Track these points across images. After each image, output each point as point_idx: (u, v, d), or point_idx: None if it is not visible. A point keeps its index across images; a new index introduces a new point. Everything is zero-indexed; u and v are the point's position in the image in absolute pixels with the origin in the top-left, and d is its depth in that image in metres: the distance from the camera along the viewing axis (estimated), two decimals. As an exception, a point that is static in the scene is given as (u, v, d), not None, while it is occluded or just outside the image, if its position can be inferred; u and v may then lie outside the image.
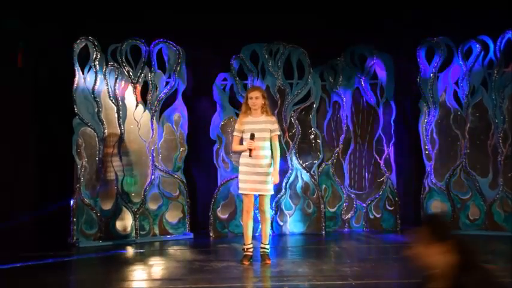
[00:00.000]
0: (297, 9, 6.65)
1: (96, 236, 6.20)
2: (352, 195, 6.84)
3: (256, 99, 5.12)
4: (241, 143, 5.21)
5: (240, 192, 5.23)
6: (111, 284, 4.55)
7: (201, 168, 6.91)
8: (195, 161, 6.86)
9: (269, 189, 5.18)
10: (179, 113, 6.58)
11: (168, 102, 6.51)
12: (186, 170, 6.63)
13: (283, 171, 6.44)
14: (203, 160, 6.78)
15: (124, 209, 6.28)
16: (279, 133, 5.24)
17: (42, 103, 6.41)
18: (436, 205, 6.60)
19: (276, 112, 6.62)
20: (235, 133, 5.23)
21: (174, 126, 6.55)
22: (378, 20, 6.62)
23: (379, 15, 6.65)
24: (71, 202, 6.06)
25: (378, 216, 6.85)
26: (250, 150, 5.02)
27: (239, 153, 5.25)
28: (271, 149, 5.19)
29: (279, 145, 5.27)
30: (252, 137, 5.02)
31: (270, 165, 5.16)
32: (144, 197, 6.33)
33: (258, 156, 5.07)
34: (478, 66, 6.48)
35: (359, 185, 6.91)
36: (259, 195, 5.16)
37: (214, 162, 6.68)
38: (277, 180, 5.22)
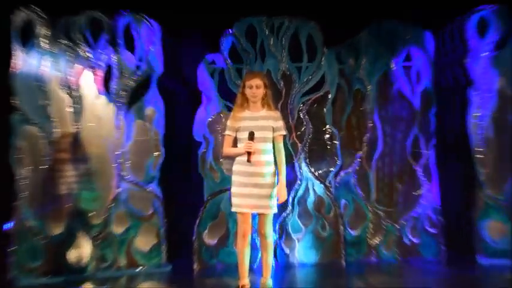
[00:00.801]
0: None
1: (41, 270, 5.88)
2: (381, 214, 6.49)
3: (256, 88, 4.94)
4: (234, 145, 5.00)
5: (233, 210, 5.03)
6: None
7: (182, 179, 6.65)
8: (174, 170, 6.57)
9: (272, 206, 4.96)
10: (153, 106, 6.22)
11: (139, 92, 6.17)
12: (163, 181, 6.30)
13: (289, 182, 6.08)
14: (185, 168, 6.54)
15: (79, 234, 6.01)
16: (284, 132, 5.04)
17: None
18: (493, 226, 6.23)
19: (279, 105, 6.26)
20: (227, 132, 5.01)
21: (147, 123, 6.22)
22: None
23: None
24: (9, 225, 5.75)
25: (415, 241, 6.50)
26: (249, 154, 4.81)
27: (232, 158, 5.04)
28: (274, 154, 4.99)
29: (284, 148, 5.01)
30: (252, 136, 4.81)
31: (273, 174, 4.96)
32: (106, 217, 6.04)
33: (258, 162, 4.87)
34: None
35: (389, 200, 6.56)
36: (258, 214, 4.96)
37: (200, 170, 6.34)
38: (284, 196, 4.96)
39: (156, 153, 6.27)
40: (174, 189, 6.70)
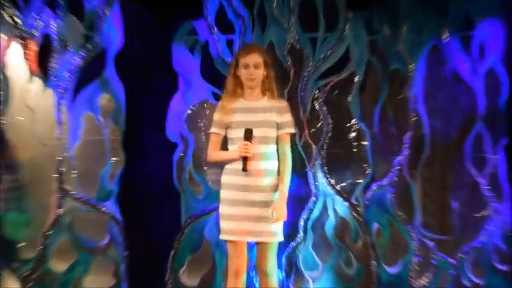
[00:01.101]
0: None
1: None
2: (429, 243, 6.35)
3: (254, 68, 4.77)
4: (224, 147, 4.91)
5: (222, 238, 4.86)
6: None
7: (151, 195, 6.63)
8: (140, 182, 6.57)
9: (276, 233, 4.79)
10: (110, 93, 6.19)
11: (89, 74, 6.15)
12: (123, 199, 6.30)
13: (300, 199, 6.16)
14: (154, 179, 6.56)
15: (4, 272, 6.04)
16: (292, 130, 4.88)
17: None
18: None
19: (286, 92, 6.13)
20: (213, 129, 4.88)
21: (101, 117, 6.20)
22: None
23: None
24: None
25: (478, 282, 6.41)
26: (246, 160, 4.69)
27: (221, 165, 4.91)
28: (279, 159, 4.81)
29: (292, 151, 4.86)
30: (249, 135, 4.66)
31: (276, 188, 4.79)
32: (43, 249, 6.03)
33: (257, 172, 4.75)
34: None
35: (441, 225, 6.44)
36: (257, 243, 4.83)
37: (175, 182, 6.28)
38: (282, 215, 4.75)
39: (114, 159, 6.26)
40: (139, 209, 6.61)
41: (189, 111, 6.38)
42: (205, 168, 6.34)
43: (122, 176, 6.25)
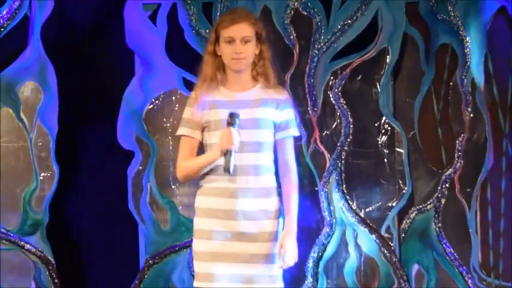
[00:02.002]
0: None
1: None
2: None
3: (242, 43, 4.58)
4: (201, 153, 4.68)
5: (198, 285, 4.56)
6: None
7: (96, 226, 6.33)
8: (80, 208, 6.21)
9: (273, 277, 4.58)
10: (36, 81, 5.96)
11: (5, 53, 5.97)
12: (56, 231, 6.00)
13: (308, 230, 5.99)
14: (100, 204, 6.21)
15: None
16: (296, 132, 4.68)
17: None
18: None
19: (288, 78, 5.93)
20: (183, 131, 4.67)
21: (23, 114, 5.97)
22: None
23: None
24: None
25: None
26: (229, 154, 4.44)
27: (196, 176, 4.66)
28: (279, 174, 4.63)
29: (298, 164, 4.69)
30: (234, 119, 4.46)
31: (275, 213, 4.58)
32: None
33: (244, 192, 4.56)
34: None
35: (509, 266, 6.23)
36: None
37: (131, 208, 5.97)
38: (294, 257, 4.55)
39: (42, 175, 5.96)
40: (78, 246, 6.25)
41: (150, 106, 6.07)
42: (173, 187, 6.11)
43: (53, 200, 5.89)
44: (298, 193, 4.63)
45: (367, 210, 6.16)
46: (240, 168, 4.51)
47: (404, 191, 6.10)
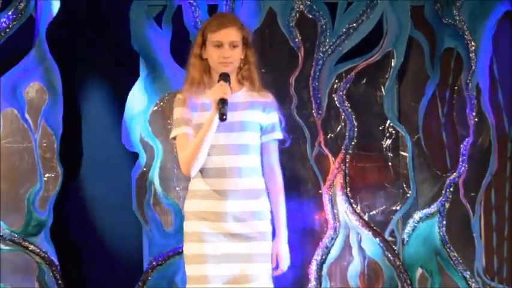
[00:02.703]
0: None
1: None
2: None
3: (230, 47, 4.59)
4: None
5: (190, 286, 4.56)
6: None
7: (100, 227, 6.41)
8: (84, 209, 6.32)
9: (265, 277, 4.54)
10: (40, 81, 6.00)
11: (9, 54, 6.02)
12: (60, 233, 6.06)
13: (311, 233, 6.04)
14: (104, 205, 6.30)
15: None
16: (280, 135, 4.68)
17: None
18: None
19: (293, 80, 5.97)
20: (180, 130, 4.64)
21: (27, 115, 6.00)
22: None
23: None
24: None
25: None
26: (224, 103, 4.48)
27: (201, 156, 4.64)
28: (265, 178, 4.66)
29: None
30: (226, 77, 4.54)
31: (263, 215, 4.58)
32: None
33: (233, 194, 4.59)
34: None
35: None
36: None
37: (135, 209, 6.06)
38: (287, 262, 4.59)
39: (47, 176, 6.01)
40: (82, 247, 6.34)
41: (155, 108, 6.10)
42: (177, 189, 6.12)
43: (58, 201, 5.96)
44: (284, 195, 4.65)
45: (371, 213, 6.21)
46: (228, 170, 4.58)
47: (408, 195, 6.17)
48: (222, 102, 4.43)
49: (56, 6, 5.96)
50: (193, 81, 4.66)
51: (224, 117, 4.44)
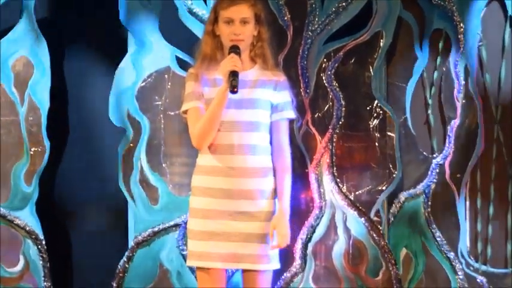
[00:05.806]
0: None
1: None
2: (480, 278, 6.23)
3: (241, 24, 4.63)
4: None
5: (191, 264, 4.64)
6: None
7: (86, 202, 6.41)
8: (70, 183, 6.34)
9: (269, 257, 4.60)
10: (28, 56, 6.03)
11: (1, 25, 6.00)
12: (46, 207, 6.08)
13: (297, 212, 5.90)
14: (90, 180, 6.33)
15: None
16: (292, 115, 4.74)
17: None
18: None
19: (281, 59, 5.95)
20: (191, 104, 4.69)
21: (14, 88, 6.04)
22: None
23: None
24: None
25: None
26: (235, 75, 4.49)
27: (212, 129, 4.68)
28: (273, 155, 4.71)
29: (292, 144, 4.73)
30: (236, 49, 4.60)
31: (271, 194, 4.66)
32: None
33: (242, 171, 4.63)
34: None
35: (498, 252, 6.34)
36: (243, 271, 4.60)
37: (121, 185, 6.09)
38: (286, 238, 4.61)
39: (33, 150, 6.02)
40: (68, 222, 6.37)
41: (143, 84, 6.10)
42: (164, 165, 6.17)
43: (44, 175, 5.99)
44: (291, 174, 4.73)
45: (356, 193, 6.23)
46: (236, 147, 4.62)
47: (394, 175, 6.19)
48: (233, 75, 4.51)
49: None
50: (205, 57, 4.73)
51: (235, 89, 4.50)
